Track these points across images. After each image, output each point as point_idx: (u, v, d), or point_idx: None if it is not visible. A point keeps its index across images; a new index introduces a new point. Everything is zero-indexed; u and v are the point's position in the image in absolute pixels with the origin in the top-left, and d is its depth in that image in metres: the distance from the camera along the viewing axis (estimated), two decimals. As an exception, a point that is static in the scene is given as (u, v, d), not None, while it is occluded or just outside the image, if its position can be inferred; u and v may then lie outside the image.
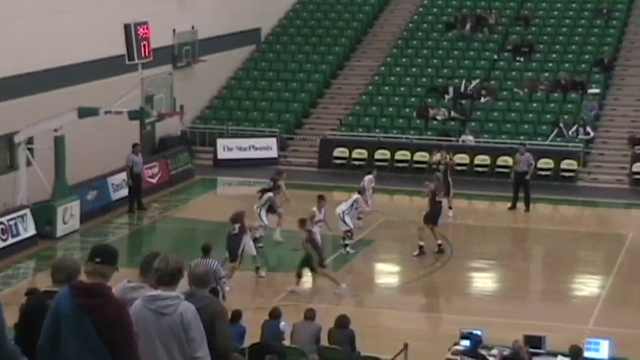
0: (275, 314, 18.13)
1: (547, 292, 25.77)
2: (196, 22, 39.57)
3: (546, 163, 35.47)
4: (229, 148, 38.26)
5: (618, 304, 24.09)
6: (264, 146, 38.34)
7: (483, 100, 39.66)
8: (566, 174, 35.68)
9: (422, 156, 36.24)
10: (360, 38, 44.89)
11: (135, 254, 26.30)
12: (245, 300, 22.29)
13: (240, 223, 23.95)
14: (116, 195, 31.91)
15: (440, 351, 18.24)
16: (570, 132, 36.90)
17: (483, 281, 26.77)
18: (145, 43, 29.87)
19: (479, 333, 17.49)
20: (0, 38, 29.53)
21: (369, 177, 29.69)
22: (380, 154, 36.88)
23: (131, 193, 31.61)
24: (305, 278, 24.46)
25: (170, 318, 7.46)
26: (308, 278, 25.25)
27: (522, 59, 41.63)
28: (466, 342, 17.37)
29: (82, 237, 28.91)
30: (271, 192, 27.78)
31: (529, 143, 35.18)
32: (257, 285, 24.86)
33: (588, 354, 17.19)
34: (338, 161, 37.39)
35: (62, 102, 29.62)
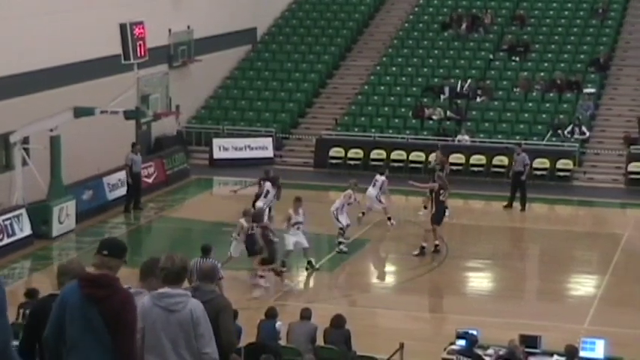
0: (271, 314, 18.11)
1: (543, 292, 25.79)
2: (192, 22, 39.54)
3: (542, 163, 35.45)
4: (225, 148, 38.24)
5: (614, 304, 24.08)
6: (259, 146, 38.31)
7: (479, 100, 39.68)
8: (561, 174, 35.67)
9: (418, 156, 36.27)
10: (356, 38, 44.88)
11: (131, 254, 26.13)
12: (241, 299, 22.26)
13: (257, 222, 24.18)
14: (112, 195, 31.88)
15: (436, 350, 18.23)
16: (566, 132, 36.93)
17: (479, 281, 26.78)
18: (141, 43, 29.86)
19: (475, 332, 17.48)
20: (-4, 38, 29.57)
21: (383, 178, 29.69)
22: (376, 154, 36.87)
23: (130, 192, 31.59)
24: (286, 270, 24.89)
25: (179, 315, 7.57)
26: (303, 277, 25.27)
27: (518, 59, 41.63)
28: (462, 341, 17.36)
29: (78, 237, 28.89)
30: (271, 192, 28.04)
31: (525, 143, 35.21)
32: (251, 284, 24.87)
33: (584, 353, 17.19)
34: (334, 161, 37.38)
35: (58, 102, 29.59)
